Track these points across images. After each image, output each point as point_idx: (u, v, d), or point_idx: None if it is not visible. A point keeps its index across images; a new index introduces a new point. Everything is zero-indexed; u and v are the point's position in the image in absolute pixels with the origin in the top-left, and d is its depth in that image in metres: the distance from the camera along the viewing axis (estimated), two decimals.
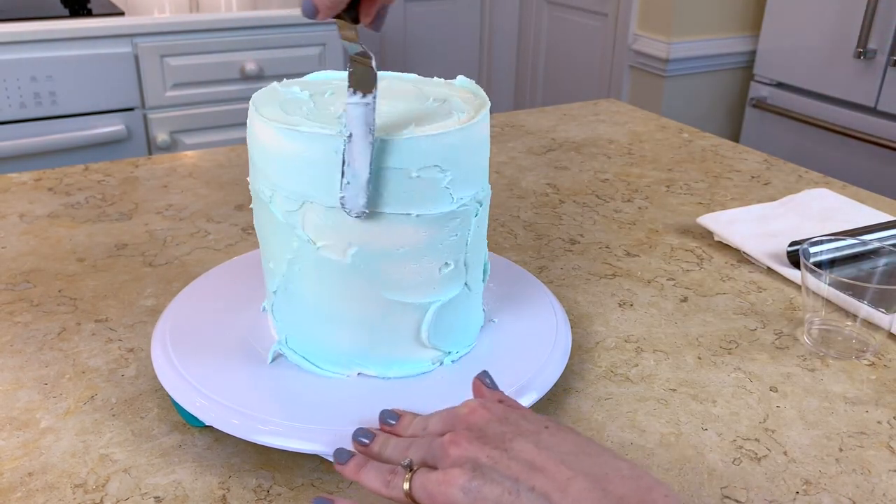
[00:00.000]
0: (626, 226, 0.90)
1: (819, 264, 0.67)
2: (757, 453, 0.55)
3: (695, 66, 2.20)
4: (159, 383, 0.57)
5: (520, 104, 2.94)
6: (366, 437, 0.48)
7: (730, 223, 0.87)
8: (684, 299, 0.75)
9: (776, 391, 0.62)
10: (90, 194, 0.94)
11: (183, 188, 0.97)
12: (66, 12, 1.69)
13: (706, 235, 0.88)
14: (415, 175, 0.51)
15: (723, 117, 2.32)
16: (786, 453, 0.55)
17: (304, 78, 0.62)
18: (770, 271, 0.80)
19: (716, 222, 0.87)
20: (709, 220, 0.88)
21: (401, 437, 0.49)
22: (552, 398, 0.59)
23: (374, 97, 0.50)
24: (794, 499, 0.51)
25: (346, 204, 0.51)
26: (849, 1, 1.83)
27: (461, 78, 0.60)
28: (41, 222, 0.87)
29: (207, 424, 0.53)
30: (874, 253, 0.70)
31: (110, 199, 0.93)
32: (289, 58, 1.86)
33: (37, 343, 0.65)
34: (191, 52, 1.75)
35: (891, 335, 0.69)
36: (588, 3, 2.48)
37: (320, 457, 0.52)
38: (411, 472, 0.44)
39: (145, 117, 1.76)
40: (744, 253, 0.83)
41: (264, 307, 0.64)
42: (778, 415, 0.59)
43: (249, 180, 0.58)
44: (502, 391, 0.51)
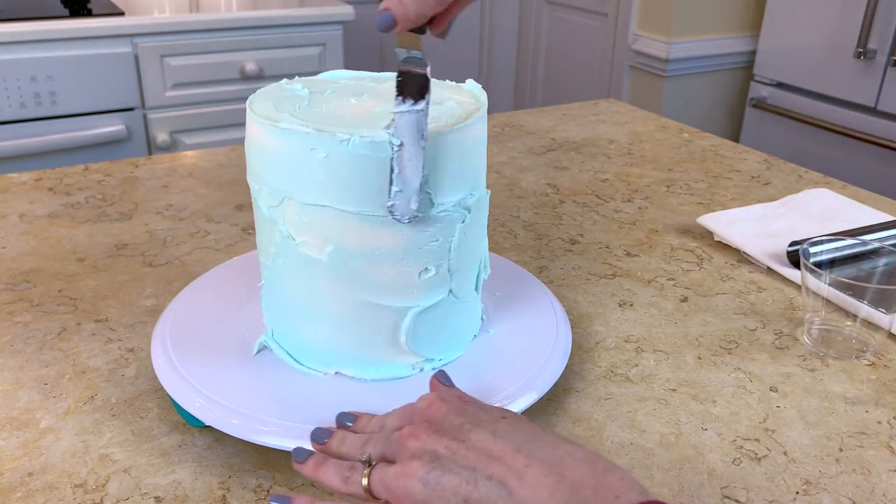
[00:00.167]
0: (626, 226, 0.90)
1: (819, 264, 0.67)
2: (757, 453, 0.55)
3: (695, 66, 2.20)
4: (159, 383, 0.57)
5: (520, 104, 2.94)
6: (323, 436, 0.49)
7: (730, 223, 0.87)
8: (684, 299, 0.75)
9: (776, 391, 0.62)
10: (90, 194, 0.94)
11: (183, 188, 0.97)
12: (66, 12, 1.69)
13: (706, 235, 0.88)
14: (387, 177, 0.50)
15: (723, 117, 2.32)
16: (786, 453, 0.55)
17: (318, 76, 0.63)
18: (770, 271, 0.80)
19: (716, 222, 0.87)
20: (709, 220, 0.88)
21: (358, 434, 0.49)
22: (552, 398, 0.59)
23: (427, 103, 0.49)
24: (794, 499, 0.51)
25: (395, 211, 0.50)
26: (849, 1, 1.83)
27: (470, 81, 0.59)
28: (41, 222, 0.87)
29: (207, 424, 0.53)
30: (874, 253, 0.70)
31: (110, 199, 0.93)
32: (289, 58, 1.86)
33: (37, 343, 0.65)
34: (191, 52, 1.75)
35: (891, 335, 0.69)
36: (588, 3, 2.48)
37: None
38: (370, 467, 0.44)
39: (145, 117, 1.76)
40: (744, 253, 0.83)
41: None
42: (778, 415, 0.59)
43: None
44: (459, 388, 0.51)
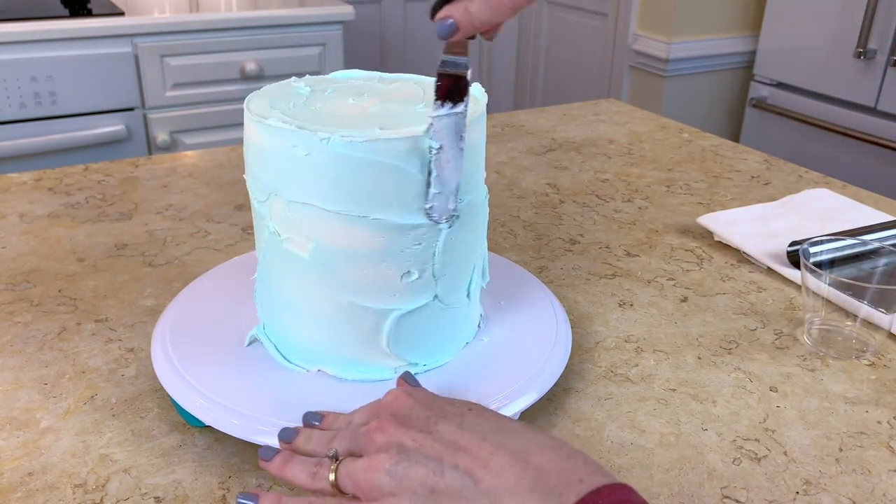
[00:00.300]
0: (626, 226, 0.90)
1: (819, 264, 0.67)
2: (757, 453, 0.55)
3: (695, 66, 2.20)
4: (159, 383, 0.57)
5: (520, 104, 2.94)
6: (290, 435, 0.49)
7: (730, 223, 0.87)
8: (684, 299, 0.75)
9: (776, 391, 0.62)
10: (90, 194, 0.94)
11: (183, 188, 0.97)
12: (66, 12, 1.69)
13: (706, 235, 0.88)
14: (370, 177, 0.50)
15: (723, 117, 2.32)
16: (786, 453, 0.55)
17: (328, 76, 0.63)
18: (770, 271, 0.80)
19: (716, 222, 0.87)
20: (709, 220, 0.88)
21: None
22: (552, 398, 0.59)
23: (466, 105, 0.49)
24: (794, 499, 0.51)
25: (433, 213, 0.51)
26: (849, 1, 1.83)
27: (476, 85, 0.59)
28: (41, 222, 0.87)
29: (207, 424, 0.53)
30: (874, 253, 0.70)
31: (110, 199, 0.93)
32: (289, 58, 1.86)
33: (37, 343, 0.65)
34: (191, 52, 1.75)
35: (891, 335, 0.69)
36: (588, 3, 2.48)
37: None
38: (336, 462, 0.44)
39: (145, 117, 1.76)
40: (744, 253, 0.83)
41: None
42: (778, 415, 0.59)
43: None
44: (425, 389, 0.51)
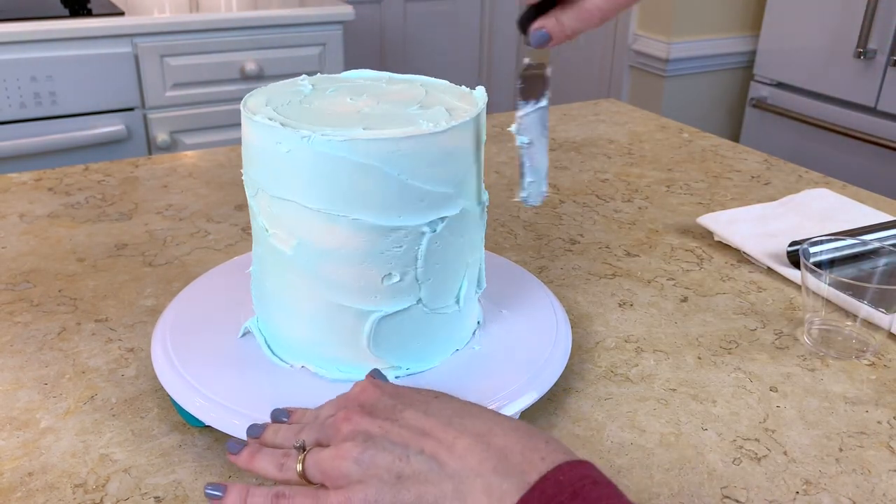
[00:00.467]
0: (626, 226, 0.90)
1: (819, 264, 0.67)
2: (757, 453, 0.55)
3: (695, 66, 2.20)
4: (159, 383, 0.57)
5: None
6: (258, 430, 0.49)
7: (730, 223, 0.87)
8: (684, 299, 0.75)
9: (776, 391, 0.62)
10: (90, 194, 0.94)
11: (183, 188, 0.97)
12: (66, 12, 1.69)
13: (706, 235, 0.88)
14: (349, 177, 0.50)
15: (723, 117, 2.32)
16: (786, 453, 0.55)
17: (343, 74, 0.63)
18: (770, 271, 0.80)
19: (716, 222, 0.87)
20: (709, 220, 0.88)
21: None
22: (552, 398, 0.59)
23: (547, 99, 0.54)
24: (794, 499, 0.51)
25: (529, 198, 0.54)
26: (849, 1, 1.83)
27: (479, 89, 0.59)
28: (41, 222, 0.87)
29: (207, 424, 0.53)
30: (874, 253, 0.70)
31: (110, 199, 0.93)
32: (289, 58, 1.86)
33: (37, 343, 0.65)
34: (191, 52, 1.75)
35: (891, 335, 0.69)
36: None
37: None
38: (304, 452, 0.44)
39: (145, 117, 1.76)
40: (744, 253, 0.83)
41: None
42: (778, 415, 0.59)
43: None
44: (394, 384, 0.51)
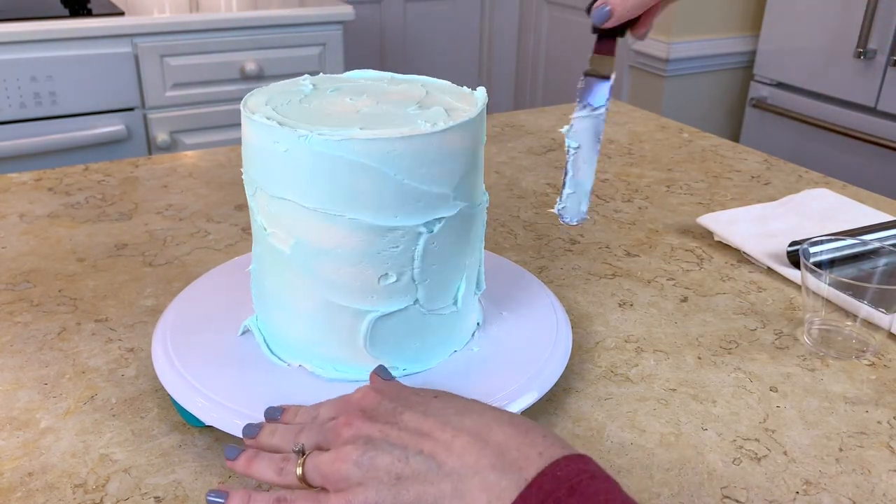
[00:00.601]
0: (626, 226, 0.90)
1: (819, 264, 0.67)
2: (757, 453, 0.55)
3: (695, 66, 2.20)
4: (159, 383, 0.57)
5: (520, 104, 2.94)
6: (254, 430, 0.49)
7: (730, 223, 0.87)
8: (684, 299, 0.75)
9: (776, 391, 0.62)
10: (90, 194, 0.94)
11: (183, 188, 0.97)
12: (66, 12, 1.69)
13: (706, 235, 0.88)
14: (347, 176, 0.50)
15: (723, 117, 2.32)
16: (786, 453, 0.55)
17: (344, 74, 0.63)
18: (770, 271, 0.80)
19: (716, 222, 0.87)
20: (709, 220, 0.88)
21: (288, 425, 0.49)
22: (552, 398, 0.59)
23: (606, 109, 0.51)
24: (794, 499, 0.51)
25: (565, 215, 0.51)
26: (849, 1, 1.83)
27: (480, 89, 0.58)
28: (41, 222, 0.87)
29: (207, 424, 0.53)
30: (874, 253, 0.70)
31: (110, 199, 0.93)
32: (289, 58, 1.86)
33: (37, 343, 0.65)
34: (191, 52, 1.75)
35: (891, 335, 0.69)
36: (588, 2, 2.48)
37: None
38: (303, 456, 0.44)
39: (145, 117, 1.76)
40: (744, 253, 0.83)
41: None
42: (778, 415, 0.59)
43: None
44: (399, 382, 0.51)
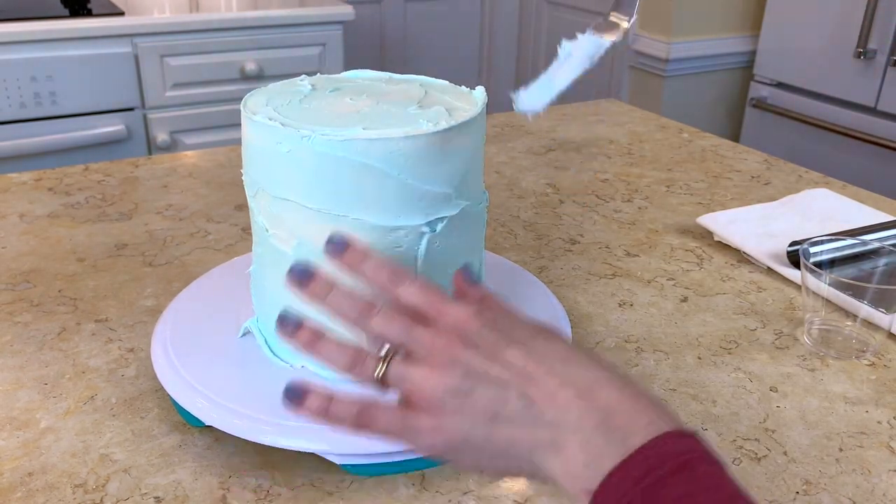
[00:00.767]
0: (626, 226, 0.90)
1: (819, 264, 0.67)
2: (757, 453, 0.55)
3: (695, 66, 2.20)
4: (159, 383, 0.57)
5: None
6: (306, 275, 0.44)
7: (730, 223, 0.87)
8: (684, 299, 0.75)
9: (776, 391, 0.62)
10: (90, 194, 0.94)
11: (183, 188, 0.97)
12: (66, 12, 1.69)
13: (706, 235, 0.88)
14: (349, 176, 0.50)
15: (723, 117, 2.32)
16: (786, 453, 0.55)
17: (343, 74, 0.63)
18: (770, 271, 0.80)
19: (716, 222, 0.87)
20: (709, 220, 0.88)
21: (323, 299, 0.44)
22: None
23: (611, 45, 0.53)
24: (794, 499, 0.51)
25: (522, 103, 0.52)
26: (849, 1, 1.83)
27: (479, 89, 0.58)
28: (41, 222, 0.87)
29: (207, 424, 0.53)
30: (874, 253, 0.70)
31: (110, 199, 0.93)
32: (289, 58, 1.86)
33: (37, 343, 0.65)
34: (191, 52, 1.75)
35: (891, 335, 0.69)
36: (588, 3, 2.48)
37: (320, 457, 0.52)
38: (388, 357, 0.41)
39: (145, 117, 1.76)
40: (744, 253, 0.83)
41: None
42: (778, 415, 0.59)
43: None
44: (485, 287, 0.47)
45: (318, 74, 0.62)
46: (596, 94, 2.47)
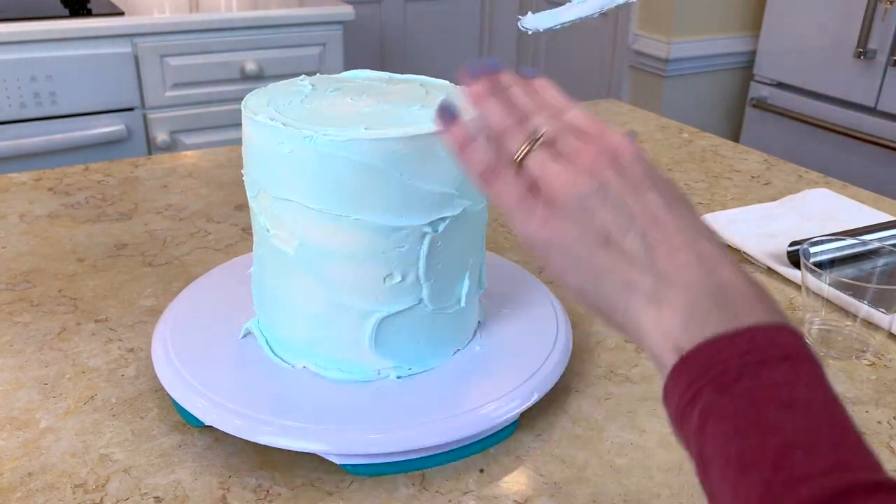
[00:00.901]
0: None
1: (819, 264, 0.67)
2: None
3: (695, 66, 2.20)
4: (159, 383, 0.57)
5: None
6: (479, 72, 0.44)
7: (730, 223, 0.87)
8: None
9: None
10: (90, 194, 0.94)
11: (183, 188, 0.97)
12: (66, 12, 1.69)
13: None
14: (352, 177, 0.50)
15: (723, 117, 2.32)
16: None
17: (343, 74, 0.63)
18: (770, 271, 0.80)
19: (716, 222, 0.87)
20: (709, 220, 0.88)
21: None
22: (552, 398, 0.59)
23: (625, 2, 0.52)
24: None
25: (527, 21, 0.52)
26: (849, 1, 1.83)
27: None
28: (41, 222, 0.87)
29: (207, 424, 0.53)
30: (874, 253, 0.70)
31: (110, 199, 0.93)
32: (289, 58, 1.86)
33: (37, 343, 0.65)
34: (191, 52, 1.75)
35: (891, 335, 0.69)
36: None
37: (320, 457, 0.52)
38: (534, 143, 0.40)
39: (145, 117, 1.76)
40: (744, 253, 0.83)
41: None
42: None
43: None
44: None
45: (318, 74, 0.62)
46: (596, 94, 2.47)
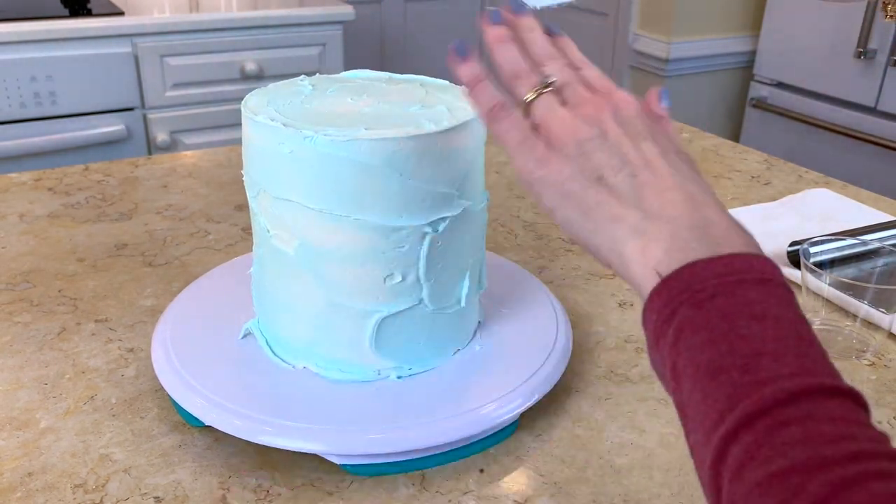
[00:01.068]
0: None
1: (819, 264, 0.67)
2: None
3: (695, 66, 2.20)
4: (159, 383, 0.57)
5: None
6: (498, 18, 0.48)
7: None
8: None
9: None
10: (90, 194, 0.94)
11: (183, 188, 0.97)
12: (66, 12, 1.69)
13: None
14: (352, 177, 0.50)
15: (723, 117, 2.32)
16: None
17: (342, 74, 0.63)
18: None
19: None
20: None
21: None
22: (552, 398, 0.59)
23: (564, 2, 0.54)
24: None
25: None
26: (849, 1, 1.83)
27: None
28: (41, 222, 0.87)
29: (207, 424, 0.53)
30: (874, 253, 0.70)
31: (110, 199, 0.93)
32: (289, 58, 1.86)
33: (37, 343, 0.65)
34: (191, 52, 1.75)
35: (891, 335, 0.69)
36: (588, 3, 2.48)
37: (320, 457, 0.52)
38: (544, 88, 0.44)
39: (145, 117, 1.76)
40: None
41: None
42: None
43: None
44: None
45: (318, 74, 0.62)
46: None
